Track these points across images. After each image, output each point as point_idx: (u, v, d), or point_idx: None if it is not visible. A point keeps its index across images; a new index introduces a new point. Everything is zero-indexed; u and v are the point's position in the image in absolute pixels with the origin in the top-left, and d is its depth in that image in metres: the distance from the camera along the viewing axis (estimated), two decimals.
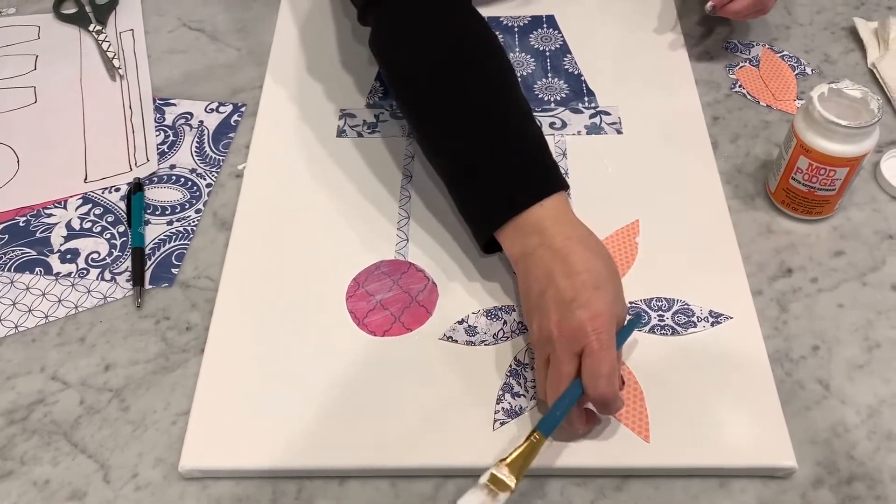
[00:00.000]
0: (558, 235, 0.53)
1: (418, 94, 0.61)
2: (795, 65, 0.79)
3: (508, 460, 0.47)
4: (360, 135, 0.72)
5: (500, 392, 0.55)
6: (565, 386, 0.49)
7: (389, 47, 0.64)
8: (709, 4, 0.75)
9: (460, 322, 0.59)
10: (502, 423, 0.54)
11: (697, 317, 0.59)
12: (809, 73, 0.78)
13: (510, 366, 0.57)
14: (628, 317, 0.55)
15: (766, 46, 0.81)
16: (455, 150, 0.59)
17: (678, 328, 0.58)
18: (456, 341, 0.58)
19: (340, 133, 0.72)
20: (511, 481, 0.46)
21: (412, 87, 0.61)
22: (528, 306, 0.53)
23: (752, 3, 0.74)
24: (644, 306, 0.60)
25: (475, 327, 0.59)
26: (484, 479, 0.47)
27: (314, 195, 0.67)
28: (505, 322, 0.59)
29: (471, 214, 0.59)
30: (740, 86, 0.77)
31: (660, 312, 0.59)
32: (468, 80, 0.59)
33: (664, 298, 0.60)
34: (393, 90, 0.64)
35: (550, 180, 0.56)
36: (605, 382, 0.48)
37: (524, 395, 0.55)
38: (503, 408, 0.54)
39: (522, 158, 0.57)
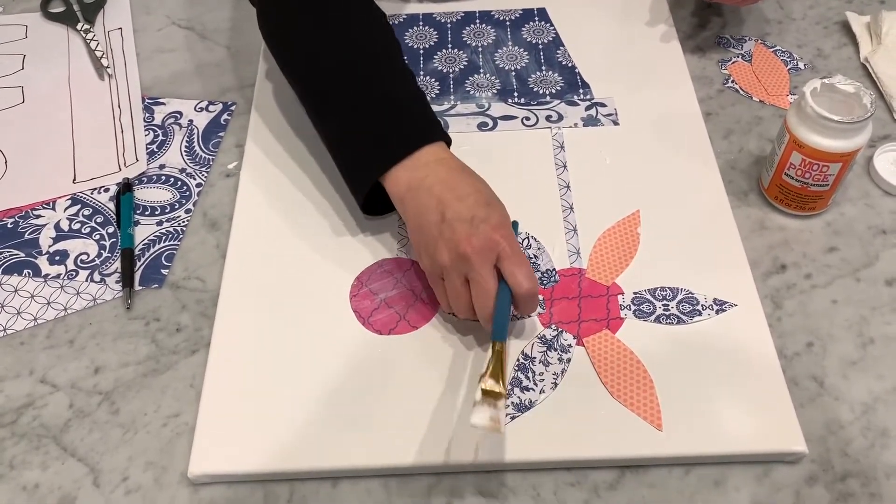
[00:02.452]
0: (442, 168, 0.57)
1: (304, 67, 0.64)
2: (788, 60, 0.79)
3: (489, 373, 0.50)
4: None
5: (509, 387, 0.55)
6: (493, 298, 0.53)
7: (274, 28, 0.67)
8: None
9: None
10: (513, 418, 0.53)
11: (702, 305, 0.59)
12: (802, 67, 0.78)
13: (518, 360, 0.56)
14: None
15: (759, 41, 0.81)
16: (343, 108, 0.61)
17: (683, 317, 0.58)
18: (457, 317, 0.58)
19: None
20: (502, 388, 0.50)
21: (297, 60, 0.65)
22: (426, 236, 0.55)
23: None
24: (649, 296, 0.60)
25: None
26: (479, 395, 0.49)
27: (312, 195, 0.67)
28: (512, 317, 0.59)
29: (359, 162, 0.60)
30: (733, 81, 0.77)
31: (664, 302, 0.59)
32: (349, 48, 0.62)
33: (668, 288, 0.60)
34: (280, 67, 0.67)
35: (435, 128, 0.60)
36: (529, 279, 0.53)
37: (533, 389, 0.55)
38: (512, 402, 0.54)
39: (410, 110, 0.60)
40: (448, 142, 0.60)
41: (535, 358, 0.56)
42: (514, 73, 0.77)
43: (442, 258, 0.54)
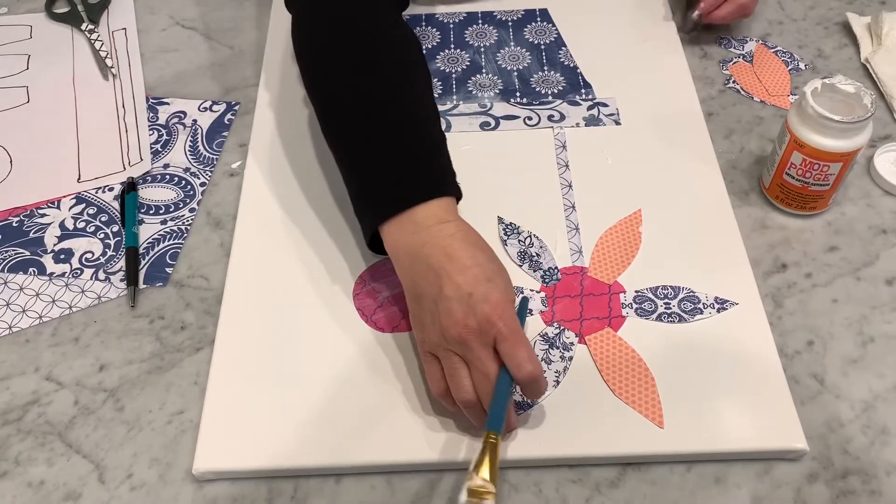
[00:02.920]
0: (442, 234, 0.53)
1: (326, 90, 0.62)
2: (789, 60, 0.79)
3: (478, 470, 0.47)
4: None
5: (512, 384, 0.55)
6: (493, 383, 0.49)
7: (305, 42, 0.65)
8: (695, 13, 0.78)
9: None
10: (517, 414, 0.54)
11: (703, 304, 0.59)
12: (803, 68, 0.78)
13: None
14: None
15: (760, 42, 0.81)
16: (354, 145, 0.59)
17: (685, 315, 0.59)
18: None
19: None
20: (490, 486, 0.46)
21: (321, 83, 0.63)
22: (422, 310, 0.52)
23: (735, 10, 0.77)
24: (650, 294, 0.60)
25: None
26: (463, 497, 0.46)
27: (316, 195, 0.67)
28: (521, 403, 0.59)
29: (360, 208, 0.59)
30: (734, 81, 0.77)
31: (666, 300, 0.60)
32: (374, 82, 0.60)
33: (669, 286, 0.61)
34: (305, 84, 0.65)
35: (441, 182, 0.56)
36: (529, 361, 0.49)
37: None
38: (515, 400, 0.54)
39: (417, 159, 0.57)
40: (458, 196, 0.57)
41: (537, 356, 0.57)
42: (516, 73, 0.77)
43: (436, 338, 0.51)
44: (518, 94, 0.75)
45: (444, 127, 0.72)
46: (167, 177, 0.70)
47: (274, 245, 0.64)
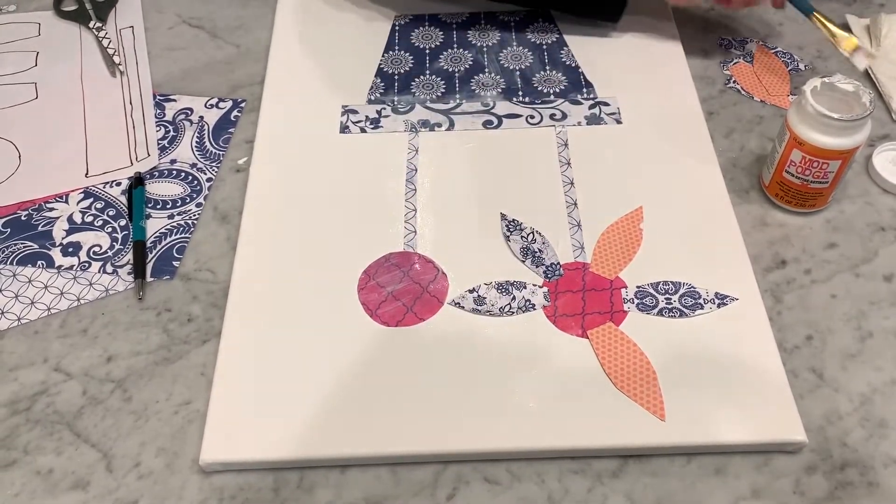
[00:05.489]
0: None
1: None
2: (789, 61, 0.80)
3: (835, 38, 0.72)
4: (363, 130, 0.73)
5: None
6: None
7: None
8: None
9: (471, 291, 0.61)
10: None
11: (704, 299, 0.60)
12: (803, 69, 0.79)
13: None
14: None
15: (760, 43, 0.82)
16: None
17: (685, 310, 0.60)
18: (463, 308, 0.60)
19: (343, 129, 0.73)
20: (851, 37, 0.70)
21: None
22: None
23: None
24: (651, 290, 0.61)
25: (484, 298, 0.60)
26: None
27: (321, 191, 0.68)
28: (513, 297, 0.60)
29: None
30: (734, 81, 0.78)
31: (667, 296, 0.60)
32: None
33: (670, 282, 0.61)
34: None
35: None
36: None
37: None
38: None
39: None
40: None
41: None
42: (518, 73, 0.78)
43: None
44: (520, 93, 0.76)
45: (447, 125, 0.73)
46: (174, 172, 0.71)
47: (279, 239, 0.65)
